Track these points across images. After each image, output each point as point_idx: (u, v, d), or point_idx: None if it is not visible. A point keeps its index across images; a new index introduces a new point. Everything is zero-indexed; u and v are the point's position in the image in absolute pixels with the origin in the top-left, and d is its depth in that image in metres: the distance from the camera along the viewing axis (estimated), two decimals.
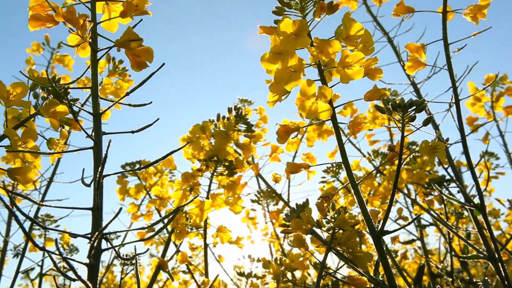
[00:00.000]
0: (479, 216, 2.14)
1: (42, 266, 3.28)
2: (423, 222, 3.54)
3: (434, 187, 2.27)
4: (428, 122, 1.52)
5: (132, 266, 2.51)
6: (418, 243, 3.88)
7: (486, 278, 3.17)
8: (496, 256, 2.06)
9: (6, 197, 2.10)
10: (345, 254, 1.80)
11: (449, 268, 3.02)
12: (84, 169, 1.47)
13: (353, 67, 1.58)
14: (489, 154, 3.66)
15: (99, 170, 1.31)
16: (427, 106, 2.78)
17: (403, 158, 1.57)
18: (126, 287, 5.19)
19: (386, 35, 3.25)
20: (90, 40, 1.45)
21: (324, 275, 1.85)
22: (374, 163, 3.15)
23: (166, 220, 1.43)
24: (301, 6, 1.66)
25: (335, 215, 1.79)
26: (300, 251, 2.13)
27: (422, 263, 3.74)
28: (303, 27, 1.55)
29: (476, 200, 2.11)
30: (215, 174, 2.53)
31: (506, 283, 2.02)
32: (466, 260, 2.97)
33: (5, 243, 3.22)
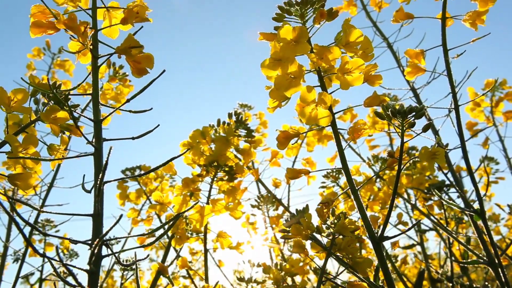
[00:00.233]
0: (479, 221, 2.14)
1: (42, 271, 3.28)
2: (423, 227, 3.55)
3: (434, 192, 2.27)
4: (428, 128, 1.53)
5: (132, 271, 2.52)
6: (418, 248, 3.88)
7: (487, 283, 3.17)
8: (496, 261, 2.06)
9: (6, 202, 2.10)
10: (345, 260, 1.80)
11: (449, 273, 3.02)
12: (84, 175, 1.48)
13: (352, 74, 1.58)
14: (488, 159, 3.67)
15: (99, 177, 1.31)
16: (426, 112, 2.79)
17: (403, 164, 1.58)
18: None
19: (386, 41, 3.26)
20: (91, 47, 1.46)
21: (324, 281, 1.85)
22: (374, 168, 3.15)
23: (166, 226, 1.43)
24: (301, 12, 1.67)
25: (335, 221, 1.79)
26: (300, 256, 2.13)
27: (422, 268, 3.73)
28: (303, 33, 1.56)
29: (476, 205, 2.11)
30: (215, 179, 2.54)
31: None
32: (466, 265, 2.97)
33: (5, 248, 3.22)
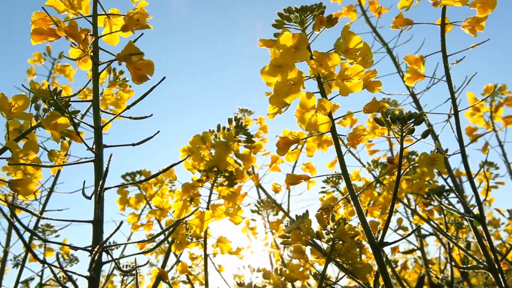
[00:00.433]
0: (479, 227, 2.14)
1: (42, 277, 3.28)
2: (423, 232, 3.55)
3: (434, 197, 2.28)
4: (427, 134, 1.53)
5: (132, 276, 2.51)
6: (418, 253, 3.88)
7: None
8: (496, 267, 2.06)
9: (6, 207, 2.11)
10: (345, 265, 1.80)
11: (449, 278, 3.02)
12: (85, 181, 1.48)
13: (352, 80, 1.59)
14: (488, 164, 3.67)
15: (100, 184, 1.31)
16: (426, 117, 2.79)
17: (403, 170, 1.58)
18: None
19: (386, 46, 3.27)
20: (92, 54, 1.47)
21: (324, 286, 1.85)
22: (373, 173, 3.15)
23: (166, 233, 1.43)
24: (300, 19, 1.67)
25: (335, 227, 1.79)
26: (300, 262, 2.13)
27: (422, 273, 3.73)
28: (303, 40, 1.56)
29: (476, 210, 2.11)
30: (215, 184, 2.54)
31: None
32: (466, 270, 2.97)
33: (5, 253, 3.22)
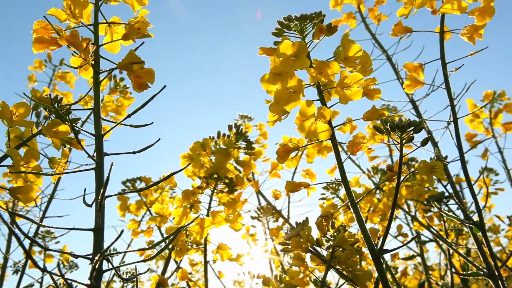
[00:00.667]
0: (479, 233, 2.15)
1: (41, 283, 3.27)
2: (423, 238, 3.54)
3: (434, 204, 2.28)
4: (426, 142, 1.54)
5: (132, 283, 2.51)
6: (418, 259, 3.88)
7: None
8: (496, 273, 2.06)
9: (6, 214, 2.11)
10: (345, 272, 1.80)
11: (449, 285, 3.01)
12: (85, 189, 1.48)
13: (352, 88, 1.60)
14: (488, 170, 3.68)
15: (101, 192, 1.32)
16: (425, 124, 2.80)
17: (402, 176, 1.59)
18: None
19: (385, 53, 3.28)
20: (93, 62, 1.48)
21: None
22: (373, 179, 3.16)
23: (167, 241, 1.44)
24: (300, 28, 1.68)
25: (335, 234, 1.80)
26: (300, 269, 2.13)
27: (422, 279, 3.73)
28: (302, 48, 1.57)
29: (476, 217, 2.12)
30: (215, 191, 2.54)
31: None
32: (466, 277, 2.97)
33: (5, 259, 3.22)
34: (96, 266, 1.24)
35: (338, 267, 1.81)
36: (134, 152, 1.48)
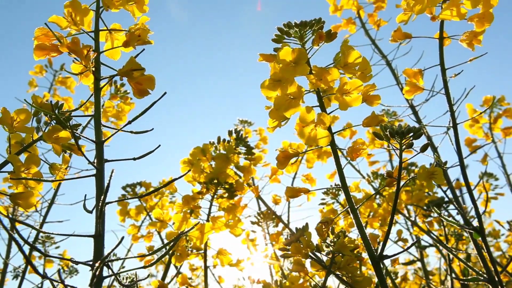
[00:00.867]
0: (479, 238, 2.15)
1: None
2: (423, 243, 3.54)
3: (433, 210, 2.28)
4: (426, 148, 1.55)
5: None
6: (418, 264, 3.87)
7: None
8: (496, 279, 2.06)
9: (6, 219, 2.11)
10: (345, 278, 1.81)
11: None
12: (86, 195, 1.49)
13: (351, 94, 1.60)
14: (488, 175, 3.68)
15: (101, 199, 1.32)
16: (425, 129, 2.81)
17: (402, 182, 1.59)
18: None
19: (385, 58, 3.29)
20: (93, 69, 1.48)
21: None
22: (373, 184, 3.16)
23: (167, 247, 1.44)
24: (300, 34, 1.69)
25: (335, 239, 1.80)
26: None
27: (422, 284, 3.72)
28: (302, 55, 1.58)
29: (475, 222, 2.12)
30: (215, 196, 2.55)
31: None
32: (466, 282, 2.96)
33: (5, 264, 3.22)
34: (97, 273, 1.24)
35: (338, 272, 1.81)
36: (134, 159, 1.48)
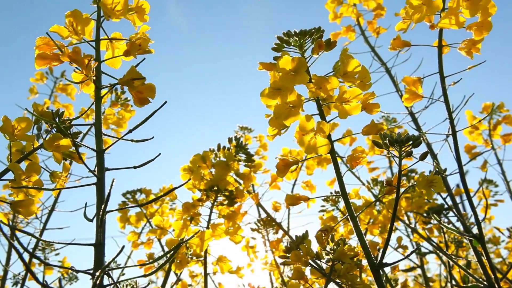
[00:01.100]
0: (478, 245, 2.15)
1: None
2: (423, 250, 3.54)
3: (433, 217, 2.29)
4: (425, 157, 1.55)
5: None
6: (418, 271, 3.87)
7: None
8: (496, 286, 2.06)
9: (6, 227, 2.11)
10: (344, 286, 1.81)
11: None
12: (86, 203, 1.49)
13: (351, 103, 1.61)
14: (487, 181, 3.68)
15: (102, 208, 1.33)
16: (425, 137, 2.82)
17: (401, 190, 1.60)
18: None
19: (384, 66, 3.30)
20: (94, 78, 1.49)
21: None
22: (373, 191, 3.16)
23: (167, 255, 1.44)
24: (299, 43, 1.70)
25: (335, 247, 1.80)
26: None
27: None
28: (302, 64, 1.59)
29: (475, 229, 2.12)
30: (215, 203, 2.55)
31: None
32: None
33: (5, 271, 3.22)
34: (97, 282, 1.25)
35: (338, 280, 1.82)
36: (135, 167, 1.49)
